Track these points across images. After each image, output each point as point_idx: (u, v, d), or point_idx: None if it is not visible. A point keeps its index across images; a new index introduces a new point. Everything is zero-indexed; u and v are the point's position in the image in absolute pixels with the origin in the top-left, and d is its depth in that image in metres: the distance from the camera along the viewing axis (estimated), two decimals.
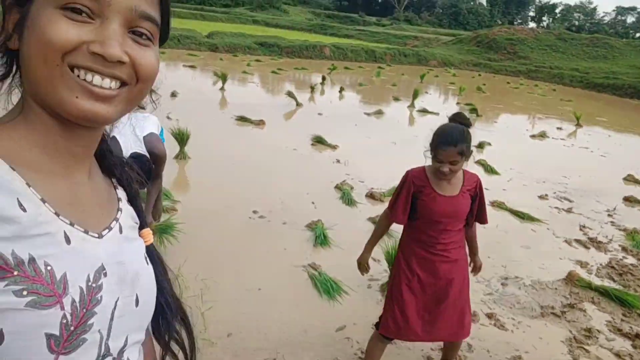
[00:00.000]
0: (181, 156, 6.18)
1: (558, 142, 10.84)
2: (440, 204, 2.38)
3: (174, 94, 10.23)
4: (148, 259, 0.77)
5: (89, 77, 0.60)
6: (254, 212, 4.85)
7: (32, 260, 0.56)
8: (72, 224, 0.63)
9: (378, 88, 16.53)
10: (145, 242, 0.78)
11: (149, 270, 0.75)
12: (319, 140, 7.80)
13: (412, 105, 12.97)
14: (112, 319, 0.65)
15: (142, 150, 3.50)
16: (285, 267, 3.90)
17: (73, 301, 0.59)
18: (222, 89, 11.77)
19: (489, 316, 3.54)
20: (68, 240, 0.61)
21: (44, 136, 0.64)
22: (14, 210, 0.56)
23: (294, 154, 7.17)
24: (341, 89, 14.15)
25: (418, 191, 2.44)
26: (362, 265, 2.76)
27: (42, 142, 0.64)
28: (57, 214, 0.61)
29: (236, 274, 3.68)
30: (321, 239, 4.34)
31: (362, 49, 26.44)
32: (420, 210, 2.42)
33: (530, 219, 5.60)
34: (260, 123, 8.68)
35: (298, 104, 10.95)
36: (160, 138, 3.76)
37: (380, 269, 3.92)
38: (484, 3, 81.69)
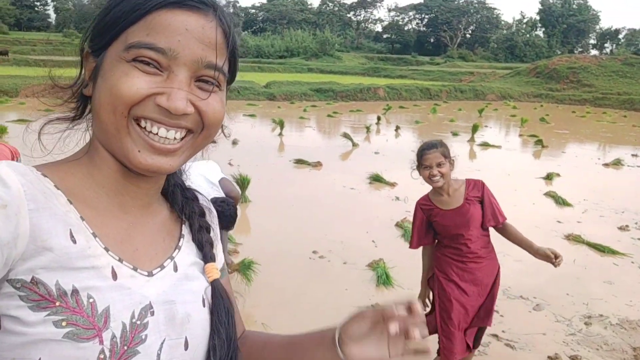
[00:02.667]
0: (242, 200, 6.30)
1: (635, 169, 10.12)
2: (449, 218, 2.57)
3: (234, 142, 10.60)
4: (209, 298, 0.72)
5: (154, 129, 0.61)
6: (314, 252, 4.80)
7: (75, 291, 0.56)
8: (121, 260, 0.62)
9: (435, 124, 16.34)
10: (208, 277, 0.73)
11: (203, 313, 0.70)
12: (376, 179, 7.73)
13: (472, 140, 12.67)
14: None
15: (221, 194, 3.56)
16: (347, 308, 3.77)
17: (113, 336, 0.58)
18: (280, 134, 12.08)
19: (573, 359, 3.22)
20: (115, 276, 0.61)
21: (105, 177, 0.66)
22: (63, 241, 0.57)
23: (352, 193, 7.13)
24: (397, 128, 14.12)
25: (428, 215, 2.66)
26: (422, 301, 2.79)
27: (103, 182, 0.66)
28: (106, 249, 0.61)
29: (296, 317, 3.61)
30: (383, 278, 4.20)
31: (416, 88, 26.45)
32: (437, 229, 2.65)
33: (611, 252, 5.16)
34: (317, 165, 8.76)
35: (354, 145, 10.99)
36: (231, 181, 3.86)
37: None
38: (541, 35, 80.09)
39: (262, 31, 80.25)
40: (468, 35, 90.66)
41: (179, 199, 0.77)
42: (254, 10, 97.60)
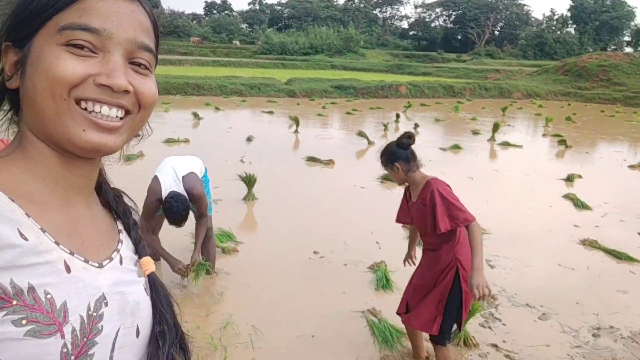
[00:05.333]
0: (249, 198, 6.24)
1: None
2: (411, 210, 2.84)
3: (249, 139, 10.58)
4: (149, 289, 0.75)
5: (97, 108, 0.62)
6: (315, 252, 4.70)
7: (31, 289, 0.56)
8: (72, 253, 0.63)
9: (456, 123, 16.01)
10: (145, 271, 0.75)
11: (147, 302, 0.73)
12: (388, 178, 7.55)
13: (492, 139, 12.35)
14: (112, 349, 0.65)
15: (180, 189, 3.58)
16: (343, 312, 3.67)
17: (73, 330, 0.58)
18: (295, 132, 12.01)
19: None
20: (68, 269, 0.61)
21: (43, 169, 0.65)
22: (15, 239, 0.56)
23: (362, 192, 6.99)
24: (416, 125, 13.88)
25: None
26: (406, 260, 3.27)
27: (41, 174, 0.65)
28: (57, 243, 0.61)
29: (290, 319, 3.52)
30: (383, 282, 4.07)
31: (439, 85, 26.01)
32: None
33: (629, 259, 4.90)
34: (330, 163, 8.64)
35: (370, 143, 10.84)
36: (199, 179, 3.78)
37: None
38: (572, 32, 77.83)
39: (287, 28, 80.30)
40: (496, 32, 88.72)
41: (110, 195, 0.79)
42: (279, 7, 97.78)
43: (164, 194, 3.55)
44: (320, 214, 5.84)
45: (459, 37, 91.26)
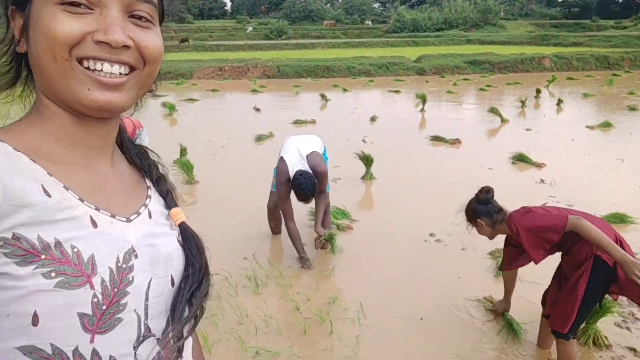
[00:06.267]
0: (367, 177, 6.22)
1: None
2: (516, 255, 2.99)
3: (373, 119, 10.52)
4: (181, 239, 0.76)
5: (98, 66, 0.61)
6: (431, 234, 4.53)
7: (58, 243, 0.58)
8: (97, 209, 0.64)
9: (608, 98, 14.10)
10: (175, 221, 0.77)
11: (181, 251, 0.75)
12: (520, 158, 6.96)
13: None
14: (147, 299, 0.66)
15: (306, 167, 3.69)
16: (456, 297, 3.49)
17: (103, 281, 0.60)
18: (422, 110, 11.63)
19: None
20: (95, 224, 0.63)
21: (59, 130, 0.66)
22: (39, 196, 0.58)
23: (489, 173, 6.53)
24: (559, 101, 12.52)
25: None
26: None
27: (58, 136, 0.66)
28: (81, 200, 0.63)
29: (399, 300, 3.45)
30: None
31: (590, 56, 23.04)
32: None
33: None
34: (456, 142, 8.22)
35: (503, 120, 10.06)
36: (322, 156, 3.85)
37: None
38: None
39: (421, 4, 77.67)
40: None
41: (134, 152, 0.80)
42: None
43: (292, 173, 3.70)
44: (441, 196, 5.60)
45: (620, 0, 79.81)
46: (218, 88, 16.64)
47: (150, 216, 0.73)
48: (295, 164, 3.71)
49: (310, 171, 3.69)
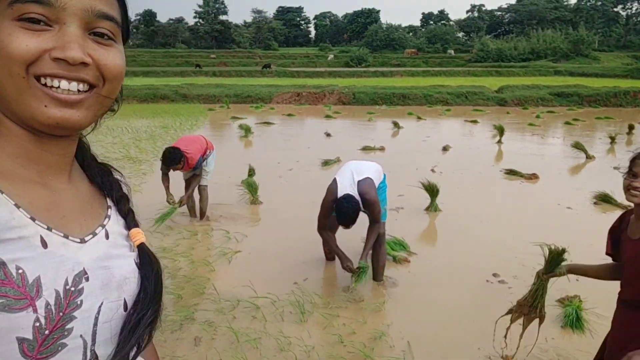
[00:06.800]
0: (432, 208, 5.99)
1: None
2: (630, 250, 1.99)
3: (445, 148, 10.23)
4: (139, 260, 0.74)
5: (55, 82, 0.60)
6: (494, 275, 4.23)
7: (2, 264, 0.56)
8: (49, 229, 0.62)
9: None
10: (134, 241, 0.75)
11: (139, 274, 0.73)
12: (604, 199, 6.38)
13: None
14: (95, 324, 0.64)
15: (354, 193, 3.61)
16: (514, 349, 3.19)
17: (47, 304, 0.58)
18: (499, 142, 11.13)
19: None
20: (45, 244, 0.61)
21: (15, 147, 0.64)
22: None
23: (567, 213, 6.05)
24: None
25: (617, 235, 2.13)
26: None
27: (14, 152, 0.64)
28: (32, 219, 0.61)
29: (450, 343, 3.22)
30: (572, 319, 3.42)
31: None
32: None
33: None
34: (533, 177, 7.73)
35: (589, 157, 9.35)
36: (374, 184, 3.75)
37: None
38: None
39: (507, 34, 75.59)
40: None
41: (95, 171, 0.78)
42: (499, 13, 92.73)
43: (339, 195, 3.65)
44: (510, 233, 5.25)
45: None
46: (294, 113, 17.06)
47: (107, 237, 0.71)
48: (345, 187, 3.67)
49: (358, 197, 3.61)
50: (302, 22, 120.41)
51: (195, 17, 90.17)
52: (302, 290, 3.87)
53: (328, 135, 12.11)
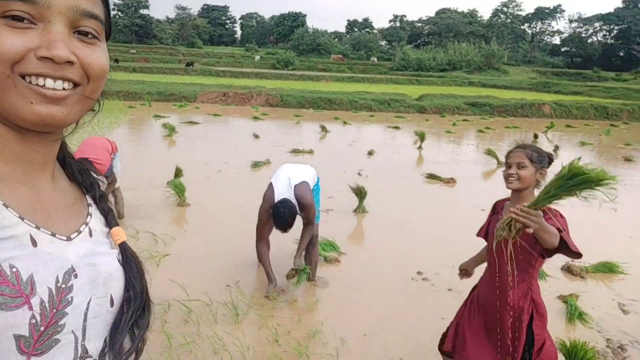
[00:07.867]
0: (359, 210, 6.21)
1: None
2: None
3: (370, 153, 10.59)
4: (121, 258, 0.76)
5: (40, 81, 0.60)
6: (418, 273, 4.49)
7: None
8: (37, 227, 0.63)
9: (605, 148, 14.24)
10: (115, 240, 0.76)
11: (120, 271, 0.74)
12: None
13: None
14: (85, 320, 0.66)
15: (291, 197, 3.67)
16: (438, 340, 3.42)
17: (42, 301, 0.59)
18: (419, 147, 11.72)
19: None
20: (34, 243, 0.61)
21: (0, 146, 0.64)
22: None
23: (481, 215, 6.51)
24: (556, 148, 12.64)
25: (494, 216, 2.52)
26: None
27: None
28: (21, 218, 0.61)
29: (380, 338, 3.38)
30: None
31: (590, 106, 23.40)
32: None
33: None
34: (450, 181, 8.25)
35: (499, 163, 10.11)
36: (310, 188, 3.83)
37: None
38: None
39: (426, 44, 79.37)
40: None
41: (75, 169, 0.79)
42: (419, 24, 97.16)
43: (277, 200, 3.69)
44: (431, 234, 5.58)
45: (621, 53, 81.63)
46: (220, 113, 16.79)
47: (90, 234, 0.72)
48: (282, 192, 3.70)
49: (295, 201, 3.67)
50: (228, 22, 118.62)
51: (113, 9, 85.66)
52: (236, 291, 3.86)
53: (256, 136, 12.08)
